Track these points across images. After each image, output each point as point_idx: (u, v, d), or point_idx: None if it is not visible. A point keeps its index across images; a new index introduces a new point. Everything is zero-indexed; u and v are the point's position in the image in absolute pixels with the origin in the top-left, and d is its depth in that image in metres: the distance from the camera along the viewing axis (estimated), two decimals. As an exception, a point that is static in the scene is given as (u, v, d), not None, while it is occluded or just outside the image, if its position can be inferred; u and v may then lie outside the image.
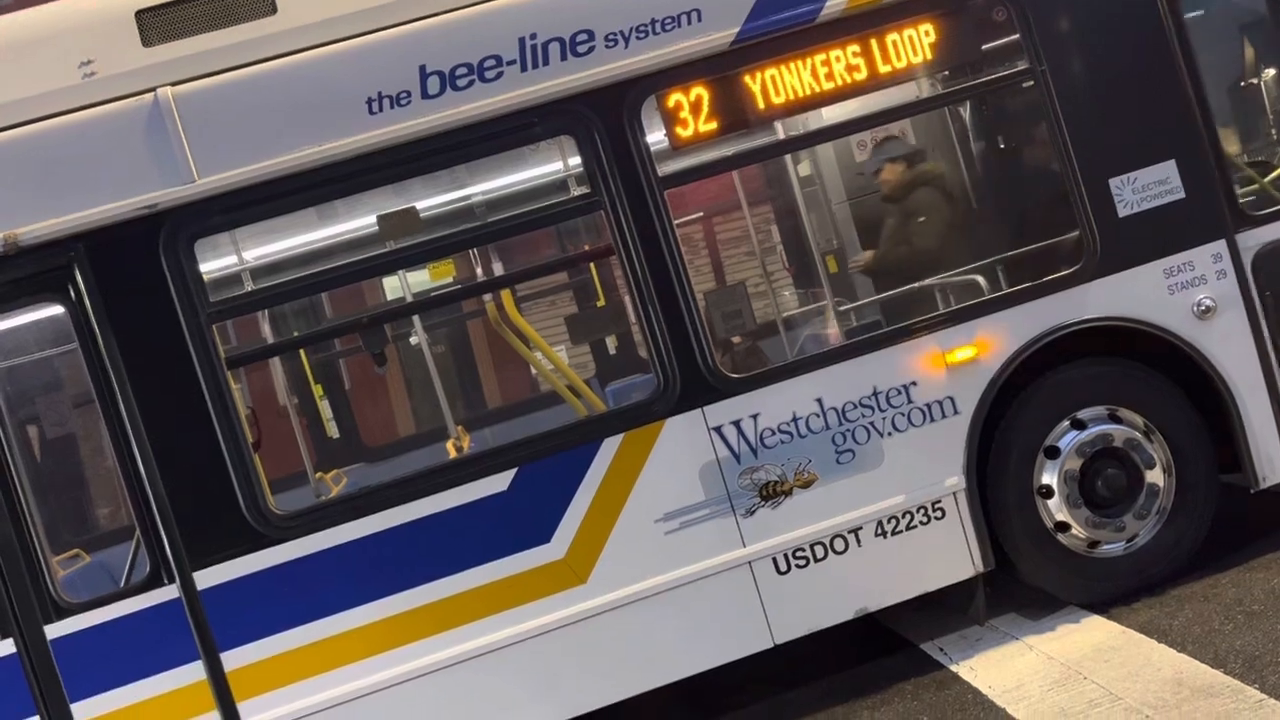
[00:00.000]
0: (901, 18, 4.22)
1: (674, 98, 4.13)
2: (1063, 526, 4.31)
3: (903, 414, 4.18)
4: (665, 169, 4.11)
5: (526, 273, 5.75)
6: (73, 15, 3.98)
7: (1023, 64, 4.30)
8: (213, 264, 4.62)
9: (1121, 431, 4.31)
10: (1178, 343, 4.30)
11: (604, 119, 4.04)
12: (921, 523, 4.19)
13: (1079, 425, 4.31)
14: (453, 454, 4.79)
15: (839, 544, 4.15)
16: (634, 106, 4.06)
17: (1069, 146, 4.27)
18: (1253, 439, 4.33)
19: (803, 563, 4.13)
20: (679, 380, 4.06)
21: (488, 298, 5.45)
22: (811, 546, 4.14)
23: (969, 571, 4.25)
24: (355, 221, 4.75)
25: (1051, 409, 4.31)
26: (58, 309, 3.93)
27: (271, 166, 3.90)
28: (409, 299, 5.17)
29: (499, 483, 3.99)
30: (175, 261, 3.85)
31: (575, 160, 4.17)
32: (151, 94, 3.87)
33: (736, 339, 4.44)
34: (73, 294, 3.84)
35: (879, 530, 4.17)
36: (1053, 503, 4.30)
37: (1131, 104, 4.32)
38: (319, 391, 5.49)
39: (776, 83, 4.18)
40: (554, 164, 4.74)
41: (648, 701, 4.11)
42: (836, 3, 4.16)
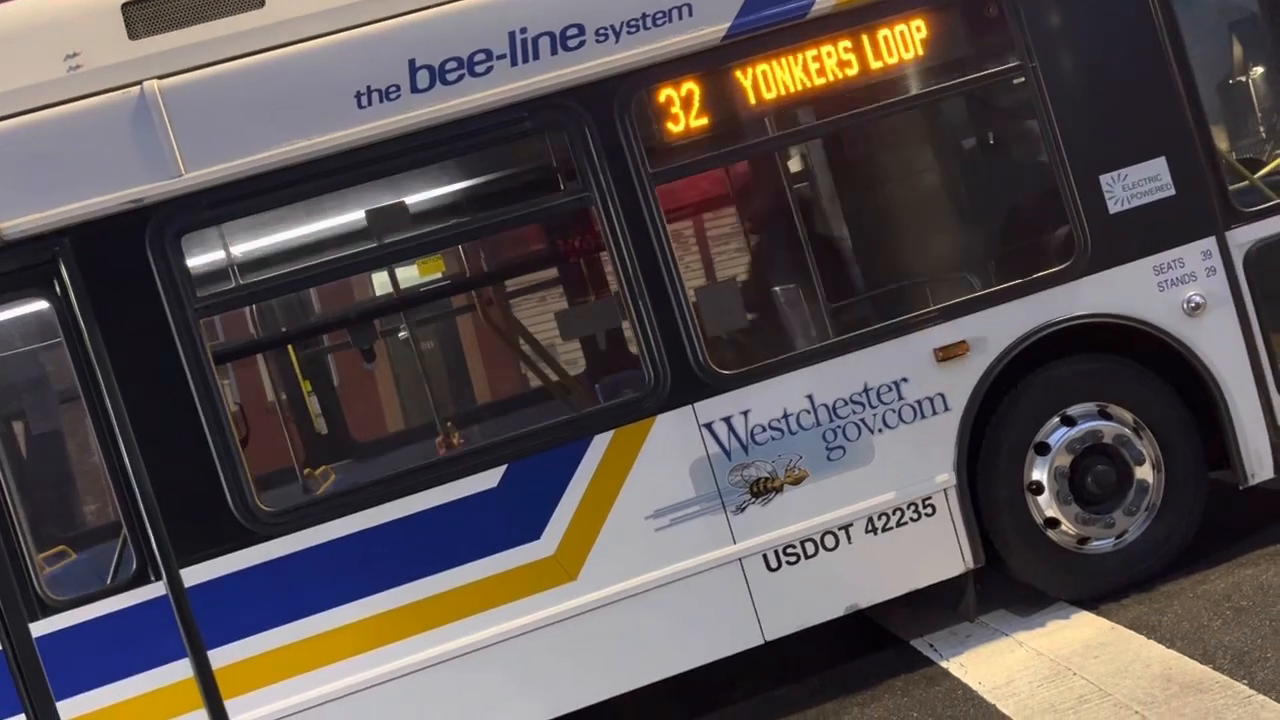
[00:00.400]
0: (893, 13, 4.21)
1: (665, 93, 4.12)
2: (1053, 523, 4.32)
3: (893, 410, 4.18)
4: (656, 164, 4.10)
5: (516, 268, 5.73)
6: (58, 8, 3.94)
7: (1014, 60, 4.30)
8: (200, 259, 4.57)
9: (1111, 428, 4.32)
10: (1167, 339, 4.30)
11: (595, 114, 4.03)
12: (912, 519, 4.19)
13: (1069, 422, 4.31)
14: (442, 451, 4.76)
15: (829, 541, 4.15)
16: (625, 101, 4.05)
17: (1060, 143, 4.27)
18: (1241, 436, 4.34)
19: (793, 559, 4.13)
20: (669, 376, 4.04)
21: (478, 293, 5.44)
22: (802, 543, 4.13)
23: (959, 568, 4.25)
24: (344, 217, 4.71)
25: (1042, 405, 4.31)
26: (43, 304, 3.89)
27: (259, 161, 3.87)
28: (398, 295, 5.14)
29: (489, 479, 3.98)
30: (162, 256, 3.82)
31: (566, 155, 4.15)
32: (138, 87, 3.84)
33: (727, 335, 4.42)
34: (58, 289, 3.81)
35: (869, 527, 4.16)
36: (1043, 499, 4.31)
37: (1122, 100, 4.32)
38: (307, 387, 5.45)
39: (768, 78, 4.17)
40: (544, 159, 4.71)
41: (638, 698, 4.11)
42: (828, -2, 4.16)
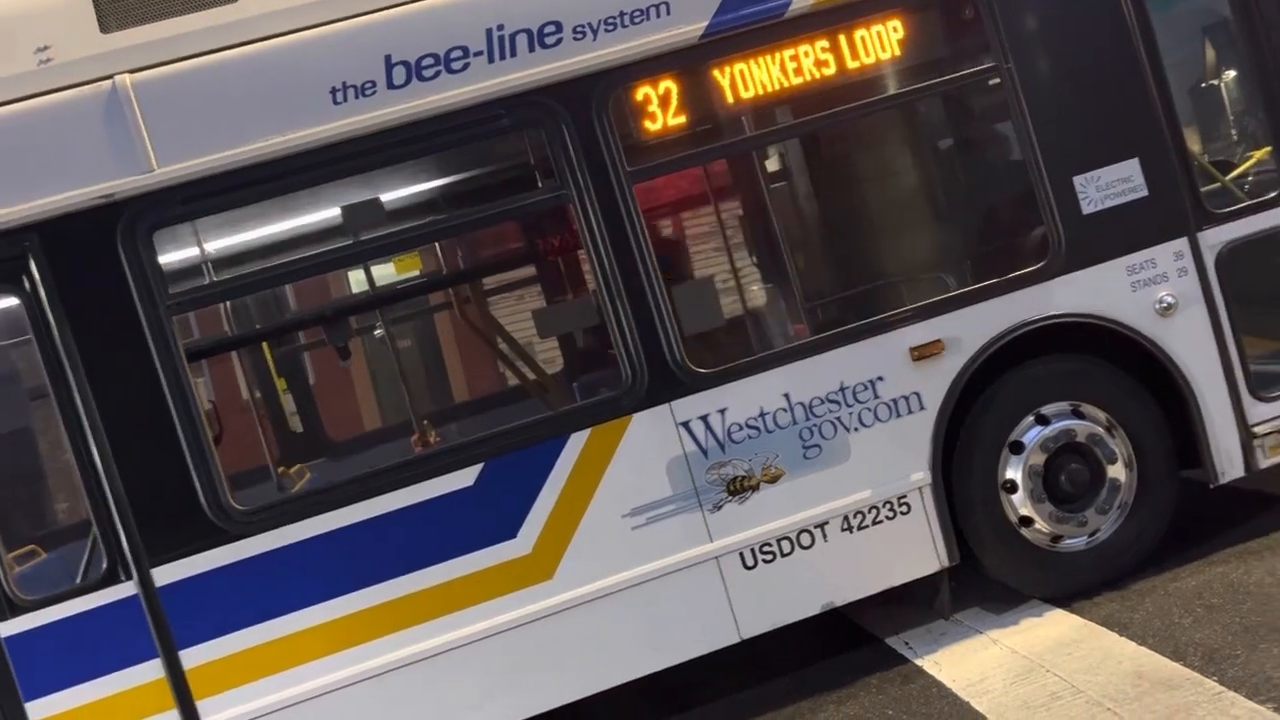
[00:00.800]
0: (870, 13, 4.23)
1: (643, 91, 4.11)
2: (1026, 521, 4.35)
3: (869, 409, 4.19)
4: (634, 163, 4.09)
5: (493, 266, 5.71)
6: (29, 1, 3.89)
7: (989, 61, 4.32)
8: (172, 255, 4.53)
9: (1084, 427, 4.35)
10: (1140, 339, 4.34)
11: (572, 112, 4.02)
12: (887, 518, 4.21)
13: (1043, 420, 4.34)
14: (418, 449, 4.74)
15: (805, 539, 4.16)
16: (602, 99, 4.04)
17: (1034, 143, 4.30)
18: (1212, 435, 4.38)
19: (769, 558, 4.14)
20: (646, 375, 4.04)
21: (455, 291, 5.41)
22: (778, 541, 4.14)
23: (934, 566, 4.27)
24: (319, 213, 4.68)
25: (1016, 405, 4.34)
26: (12, 300, 3.84)
27: (233, 156, 3.84)
28: (373, 292, 5.11)
29: (465, 478, 3.96)
30: (134, 252, 3.79)
31: (543, 153, 4.13)
32: (109, 81, 3.80)
33: (704, 334, 4.42)
34: (27, 285, 3.76)
35: (845, 525, 4.18)
36: (1017, 497, 4.33)
37: (1096, 102, 4.35)
38: (282, 385, 5.41)
39: (746, 77, 4.18)
40: (522, 157, 4.70)
41: (613, 697, 4.10)
42: (805, -2, 4.17)
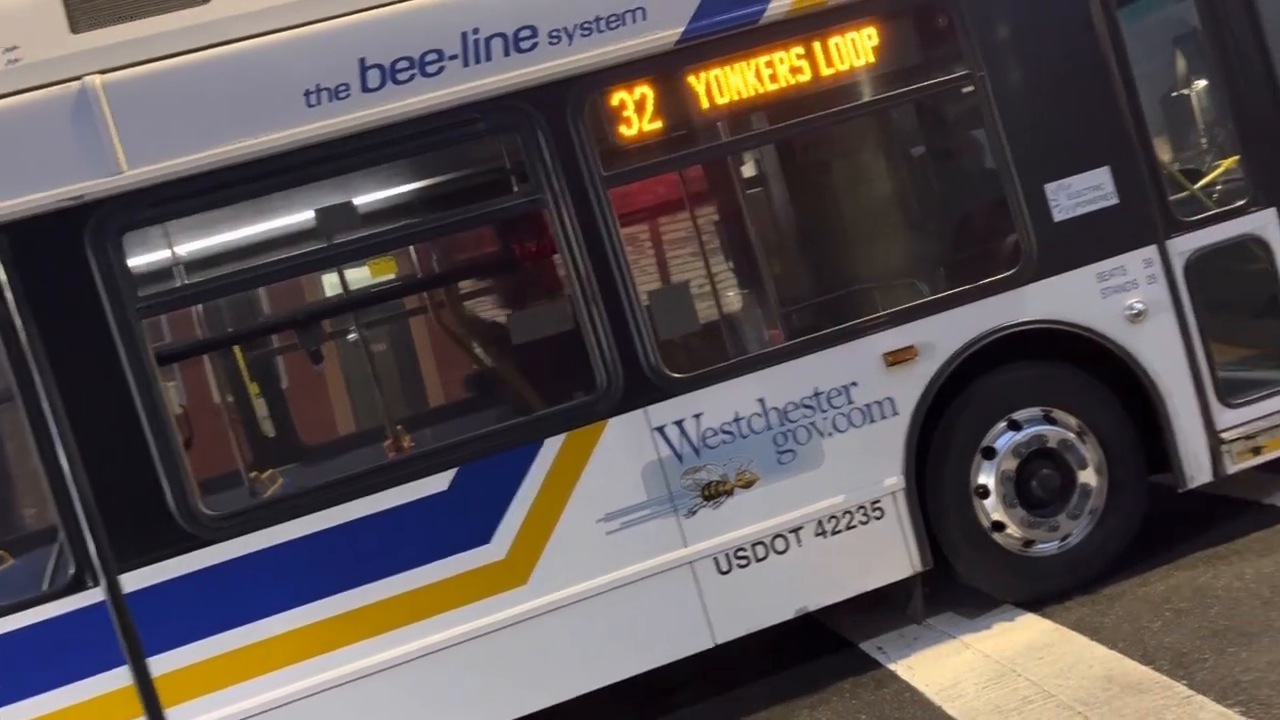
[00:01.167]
0: (845, 21, 4.25)
1: (618, 96, 4.11)
2: (999, 526, 4.38)
3: (843, 414, 4.21)
4: (609, 167, 4.09)
5: (468, 270, 5.69)
6: (-2, 0, 3.85)
7: (963, 69, 4.36)
8: (142, 258, 4.48)
9: (1055, 432, 4.39)
10: (1110, 346, 4.38)
11: (547, 116, 4.01)
12: (861, 522, 4.22)
13: (1015, 426, 4.37)
14: (392, 454, 4.71)
15: (780, 544, 4.16)
16: (578, 104, 4.04)
17: (1007, 151, 4.33)
18: (1181, 440, 4.43)
19: (744, 562, 4.14)
20: (622, 380, 4.04)
21: (429, 295, 5.39)
22: (753, 546, 4.14)
23: (907, 571, 4.29)
24: (292, 216, 4.65)
25: (988, 410, 4.37)
26: (-22, 302, 3.79)
27: (204, 158, 3.81)
28: (347, 296, 5.08)
29: (439, 483, 3.94)
30: (102, 254, 3.74)
31: (518, 157, 4.13)
32: (79, 82, 3.76)
33: (679, 339, 4.43)
34: (-6, 287, 3.71)
35: (819, 530, 4.19)
36: (989, 502, 4.36)
37: (1067, 111, 4.39)
38: (255, 390, 5.37)
39: (721, 83, 4.19)
40: (497, 160, 4.69)
41: (587, 703, 4.09)
42: (781, 5, 4.18)
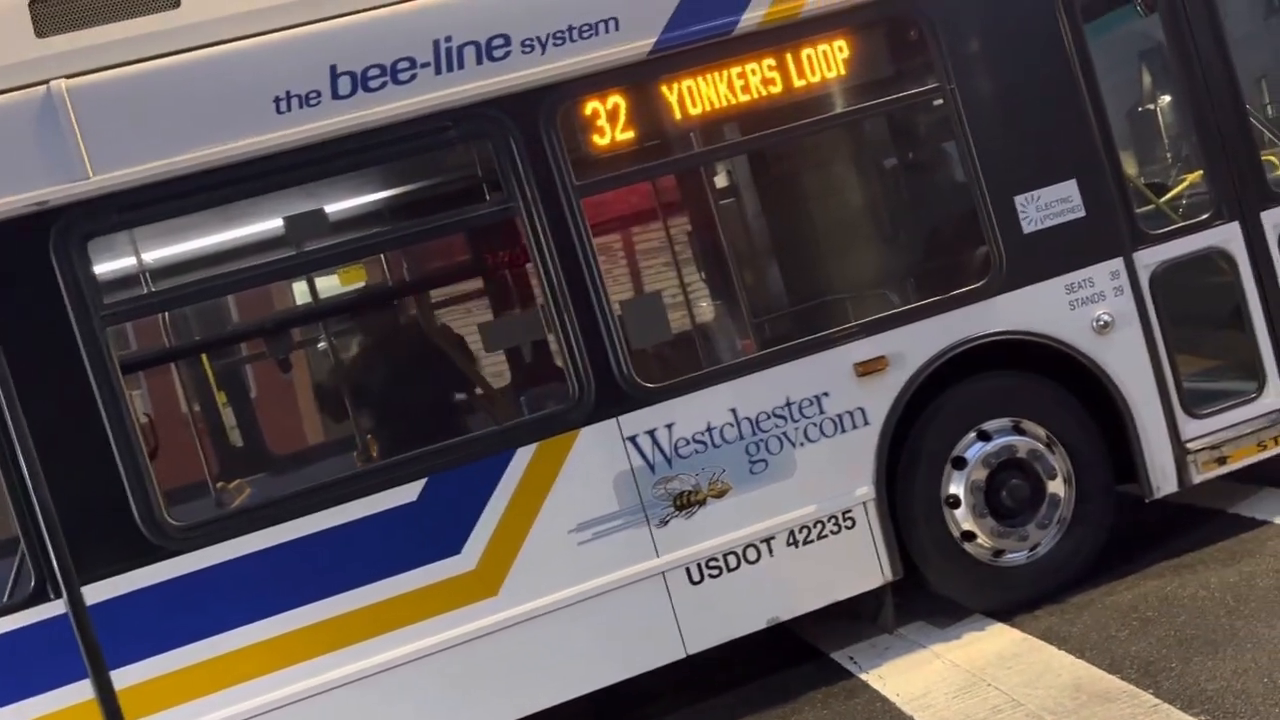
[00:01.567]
0: (817, 33, 4.27)
1: (591, 105, 4.11)
2: (969, 536, 4.40)
3: (815, 424, 4.22)
4: (582, 177, 4.09)
5: (439, 278, 5.67)
6: (-39, 2, 3.79)
7: (933, 82, 4.39)
8: (108, 265, 4.42)
9: (1025, 443, 4.42)
10: (1078, 356, 4.42)
11: (520, 125, 4.00)
12: (832, 532, 4.23)
13: (985, 436, 4.40)
14: (360, 464, 4.67)
15: (751, 554, 4.16)
16: (550, 113, 4.03)
17: (976, 163, 4.37)
18: (1147, 450, 4.48)
19: (715, 572, 4.13)
20: (594, 389, 4.03)
21: (400, 303, 5.35)
22: (724, 556, 4.14)
23: (878, 580, 4.30)
24: (261, 224, 4.61)
25: (959, 421, 4.39)
26: (-60, 309, 3.72)
27: (172, 165, 3.77)
28: (317, 304, 5.04)
29: (408, 493, 3.91)
30: (66, 261, 3.69)
31: (491, 165, 4.11)
32: (44, 87, 3.71)
33: (652, 348, 4.43)
34: (-45, 294, 3.65)
35: (791, 540, 4.19)
36: (959, 512, 4.38)
37: (1036, 124, 4.44)
38: (222, 398, 5.31)
39: (694, 93, 4.20)
40: (470, 168, 4.67)
41: (558, 714, 4.06)
42: (753, 16, 4.20)
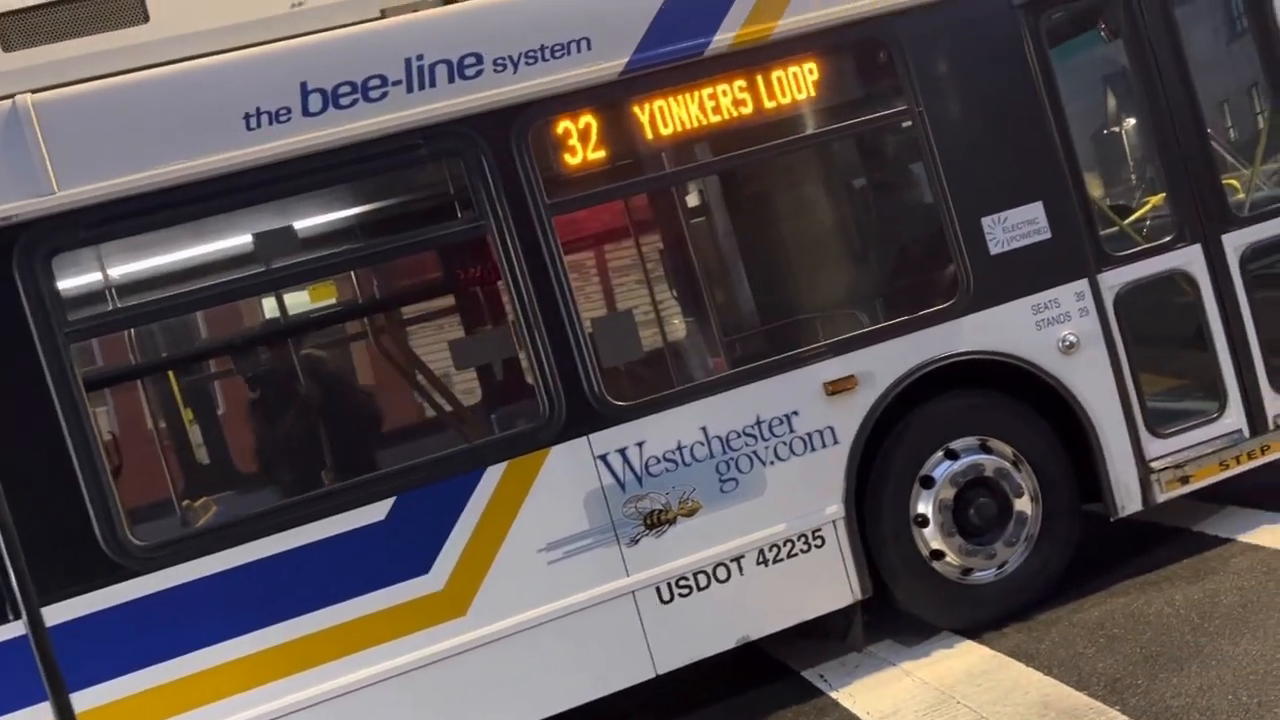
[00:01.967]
0: (787, 55, 4.31)
1: (563, 124, 4.12)
2: (938, 554, 4.42)
3: (785, 443, 4.23)
4: (553, 195, 4.09)
5: (410, 295, 5.64)
6: (-71, 16, 3.76)
7: (902, 104, 4.44)
8: (73, 281, 4.37)
9: (992, 461, 4.45)
10: (1044, 376, 4.46)
11: (491, 143, 4.01)
12: (802, 551, 4.24)
13: (952, 455, 4.43)
14: (328, 482, 4.63)
15: (721, 572, 4.16)
16: (522, 131, 4.04)
17: (944, 185, 4.42)
18: (1112, 469, 4.53)
19: (686, 591, 4.13)
20: (565, 407, 4.02)
21: (370, 321, 5.32)
22: (695, 575, 4.14)
23: (848, 599, 4.31)
24: (231, 240, 4.58)
25: (926, 439, 4.42)
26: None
27: (140, 180, 3.74)
28: (286, 321, 5.00)
29: (376, 512, 3.88)
30: (30, 277, 3.65)
31: (462, 183, 4.11)
32: (10, 101, 3.67)
33: (623, 367, 4.43)
34: (-84, 308, 3.60)
35: (761, 558, 4.20)
36: (928, 531, 4.41)
37: (1002, 147, 4.49)
38: (188, 416, 5.25)
39: (665, 114, 4.22)
40: (441, 186, 4.67)
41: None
42: (725, 38, 4.23)
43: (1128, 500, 4.56)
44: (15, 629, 3.59)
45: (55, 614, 3.60)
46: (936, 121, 4.42)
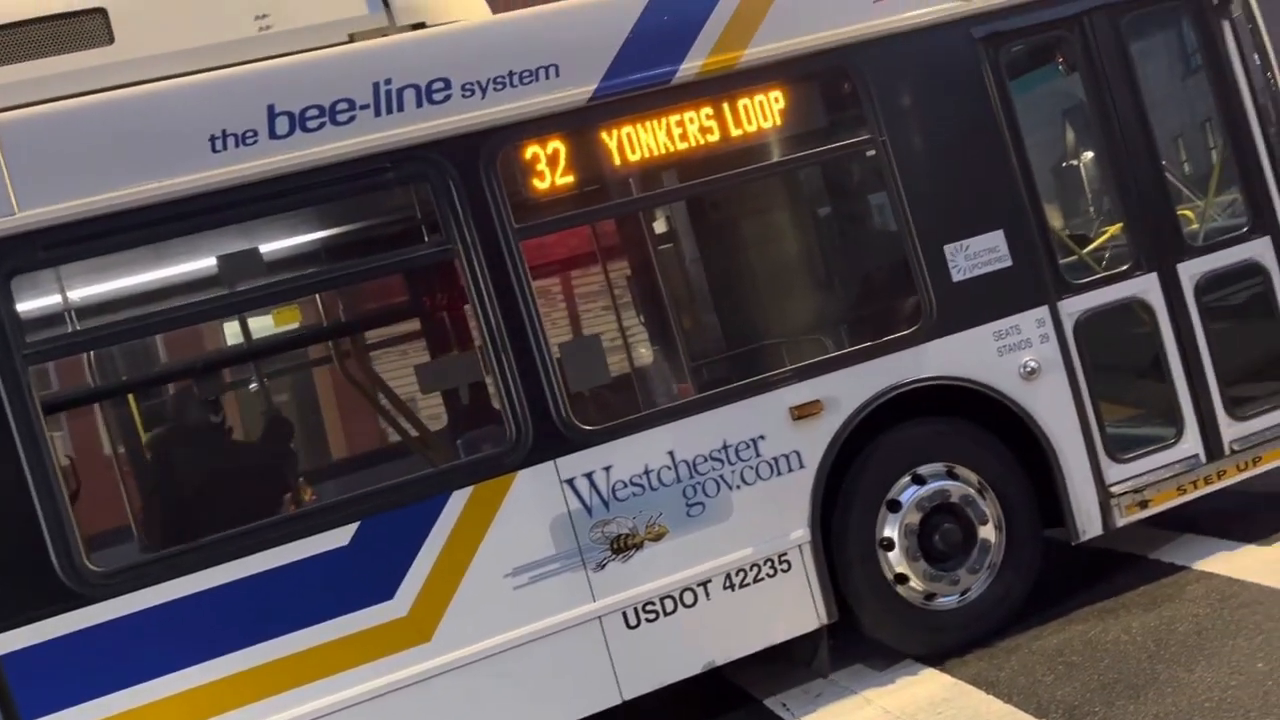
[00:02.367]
0: (753, 84, 4.36)
1: (531, 150, 4.14)
2: (902, 578, 4.44)
3: (751, 467, 4.24)
4: (521, 220, 4.10)
5: (376, 319, 5.62)
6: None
7: (865, 134, 4.50)
8: (32, 303, 4.31)
9: (958, 488, 4.48)
10: (1006, 402, 4.51)
11: (459, 168, 4.01)
12: (768, 575, 4.24)
13: (919, 480, 4.45)
14: (291, 507, 4.58)
15: (688, 597, 4.15)
16: (490, 157, 4.05)
17: (907, 213, 4.48)
18: (1073, 495, 4.57)
19: (652, 616, 4.12)
20: (531, 432, 4.01)
21: (335, 344, 5.28)
22: (661, 600, 4.12)
23: (814, 624, 4.31)
24: (195, 262, 4.53)
25: (891, 465, 4.44)
26: None
27: (103, 201, 3.70)
28: (249, 345, 4.95)
29: (340, 537, 3.84)
30: (-11, 298, 3.60)
31: (429, 207, 4.11)
32: (-31, 120, 3.63)
33: (590, 391, 4.43)
34: None
35: (727, 583, 4.19)
36: (893, 555, 4.42)
37: (964, 176, 4.56)
38: (148, 440, 5.17)
39: (633, 140, 4.25)
40: (409, 210, 4.66)
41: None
42: (691, 66, 4.28)
43: (1088, 524, 4.61)
44: (-34, 657, 3.51)
45: (8, 641, 3.52)
46: (899, 150, 4.48)
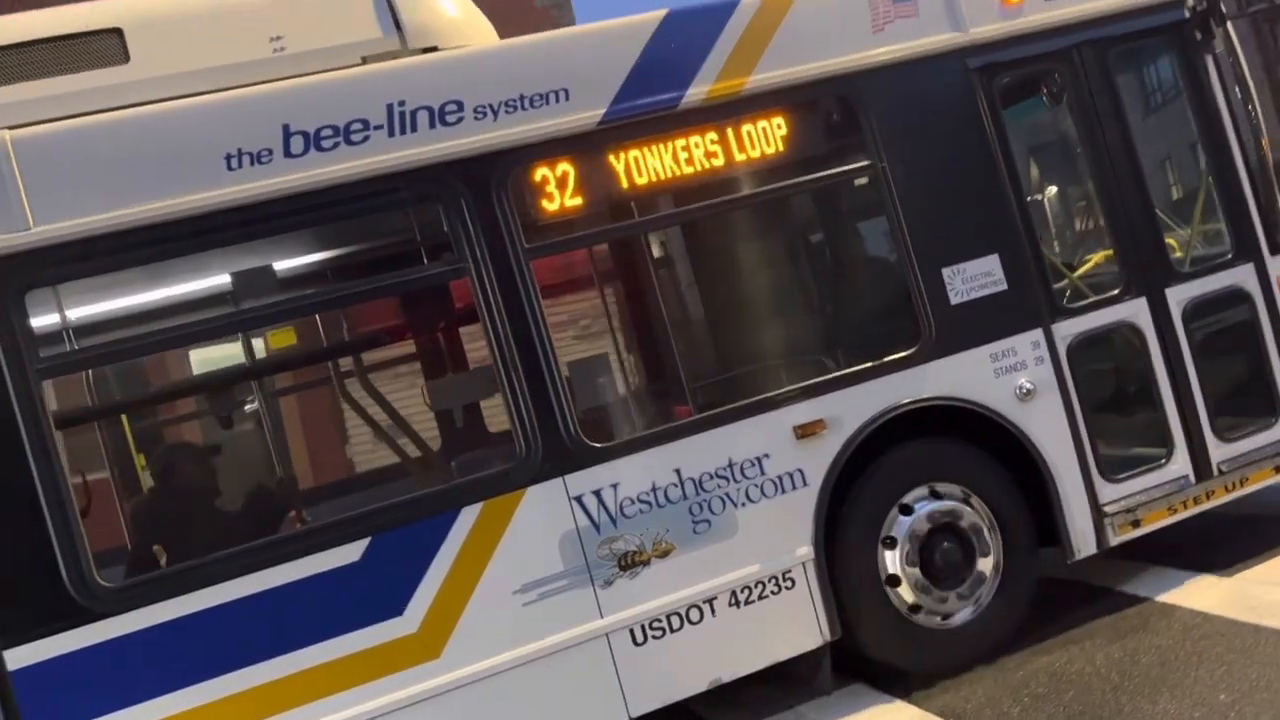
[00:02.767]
0: (757, 110, 4.46)
1: (541, 172, 4.21)
2: (908, 603, 4.46)
3: (756, 485, 4.29)
4: (531, 240, 4.16)
5: (387, 337, 5.63)
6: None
7: (865, 159, 4.61)
8: (46, 318, 4.30)
9: (963, 510, 4.51)
10: (1002, 422, 4.59)
11: (471, 189, 4.07)
12: (773, 592, 4.28)
13: (907, 510, 4.49)
14: (302, 523, 4.58)
15: (694, 614, 4.19)
16: (502, 178, 4.11)
17: (906, 237, 4.57)
18: (1068, 514, 4.64)
19: (659, 634, 4.14)
20: (540, 449, 4.05)
21: (346, 362, 5.29)
22: (668, 617, 4.15)
23: (818, 641, 4.35)
24: (209, 279, 4.55)
25: (889, 486, 4.48)
26: None
27: (117, 218, 3.74)
28: (263, 362, 4.96)
29: (351, 553, 3.85)
30: (2, 313, 3.60)
31: (441, 227, 4.16)
32: (-12, 136, 3.66)
33: (598, 409, 4.47)
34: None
35: (733, 600, 4.23)
36: (890, 560, 4.43)
37: (960, 201, 4.67)
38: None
39: (640, 164, 4.33)
40: (421, 230, 4.71)
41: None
42: (698, 92, 4.37)
43: (1083, 544, 4.68)
44: (-23, 673, 3.48)
45: (18, 657, 3.50)
46: (898, 176, 4.58)
